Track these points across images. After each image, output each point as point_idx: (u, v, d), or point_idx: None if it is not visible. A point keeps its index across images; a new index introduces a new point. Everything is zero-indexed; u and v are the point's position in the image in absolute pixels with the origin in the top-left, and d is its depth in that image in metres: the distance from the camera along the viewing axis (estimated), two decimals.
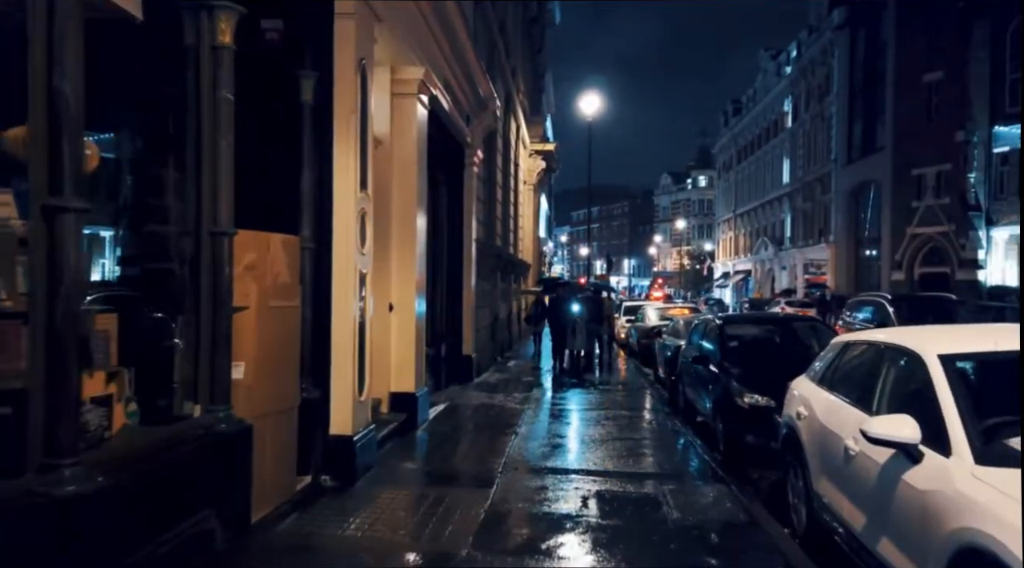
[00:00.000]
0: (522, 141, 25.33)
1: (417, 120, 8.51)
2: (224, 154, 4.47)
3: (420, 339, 8.82)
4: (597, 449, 7.78)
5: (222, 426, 4.39)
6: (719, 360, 8.64)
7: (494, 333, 17.17)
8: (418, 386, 8.59)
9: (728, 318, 10.72)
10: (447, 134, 11.61)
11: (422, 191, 8.87)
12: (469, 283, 13.28)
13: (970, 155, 28.93)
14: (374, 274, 8.21)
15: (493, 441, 8.04)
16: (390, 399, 8.35)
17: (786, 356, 8.63)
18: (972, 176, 28.84)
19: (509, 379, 13.76)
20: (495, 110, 13.52)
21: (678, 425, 9.32)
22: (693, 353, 10.04)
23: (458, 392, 11.58)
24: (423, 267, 9.02)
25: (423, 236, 8.96)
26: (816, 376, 5.49)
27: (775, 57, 54.02)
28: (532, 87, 34.05)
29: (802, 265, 45.32)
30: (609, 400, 11.46)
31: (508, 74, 20.00)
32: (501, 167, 19.11)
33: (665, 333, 14.84)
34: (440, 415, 9.51)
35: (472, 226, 13.36)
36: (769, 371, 8.12)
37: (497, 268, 17.36)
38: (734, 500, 5.93)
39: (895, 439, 3.54)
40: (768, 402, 7.52)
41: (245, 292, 4.74)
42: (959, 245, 29.18)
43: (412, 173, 8.46)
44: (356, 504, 5.45)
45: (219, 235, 4.43)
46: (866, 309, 16.23)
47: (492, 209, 17.30)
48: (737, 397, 7.75)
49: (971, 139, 28.71)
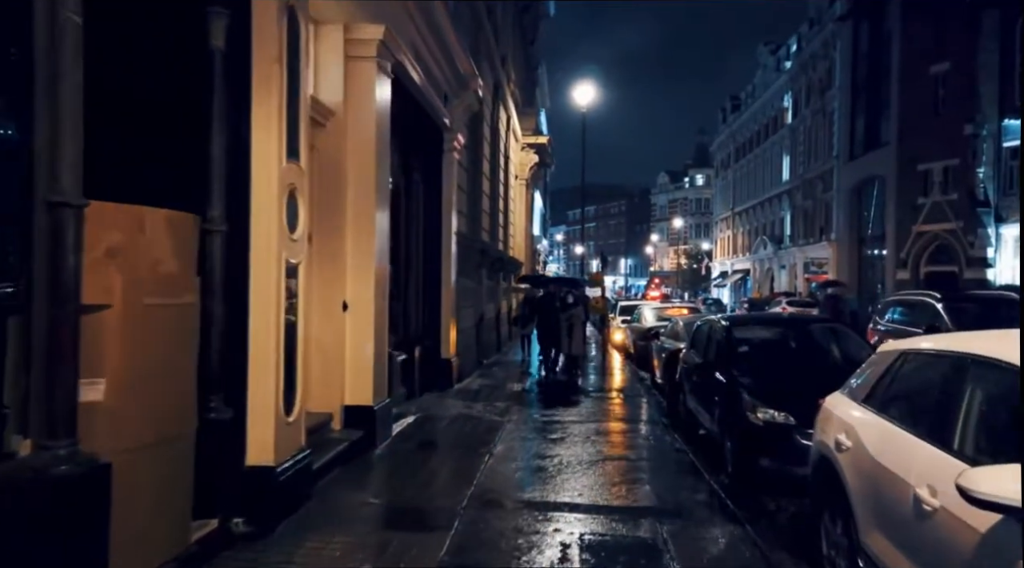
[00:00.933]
0: (513, 133, 24.15)
1: (377, 89, 7.32)
2: (68, 97, 3.27)
3: (381, 343, 7.63)
4: (584, 474, 6.59)
5: (62, 468, 3.20)
6: (726, 367, 7.47)
7: (479, 334, 15.98)
8: (378, 398, 7.40)
9: (735, 319, 9.49)
10: (421, 113, 10.42)
11: (384, 172, 7.69)
12: (448, 280, 12.09)
13: (979, 149, 27.87)
14: (323, 268, 7.04)
15: (463, 464, 6.85)
16: (344, 414, 7.16)
17: (805, 364, 7.47)
18: (981, 171, 27.79)
19: (493, 385, 12.56)
20: (477, 90, 12.34)
21: (678, 441, 8.14)
22: (695, 359, 8.87)
23: (433, 401, 10.38)
24: (386, 260, 7.84)
25: (385, 224, 7.78)
26: (859, 394, 4.30)
27: (774, 52, 52.88)
28: (525, 79, 32.92)
29: (802, 264, 44.19)
30: (601, 410, 10.29)
31: (497, 61, 18.82)
32: (489, 158, 17.93)
33: (663, 335, 13.66)
34: (407, 430, 8.32)
35: (452, 218, 12.17)
36: (786, 381, 6.96)
37: (483, 265, 16.17)
38: (751, 546, 4.76)
39: (1012, 503, 2.37)
40: (786, 418, 6.36)
41: (106, 285, 3.55)
42: (967, 243, 28.09)
43: (370, 150, 7.27)
44: (271, 557, 4.26)
45: (59, 206, 3.24)
46: (904, 310, 13.64)
47: (477, 201, 16.11)
48: (749, 411, 6.57)
49: (980, 133, 27.63)
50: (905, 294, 15.83)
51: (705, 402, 8.05)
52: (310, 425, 6.56)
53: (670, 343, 12.69)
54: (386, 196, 7.75)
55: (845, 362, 7.25)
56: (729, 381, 7.27)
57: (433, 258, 11.84)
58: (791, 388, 6.78)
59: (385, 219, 7.75)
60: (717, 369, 7.68)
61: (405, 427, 8.39)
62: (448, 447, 7.62)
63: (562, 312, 13.63)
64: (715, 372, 7.70)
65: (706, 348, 8.69)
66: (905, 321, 13.13)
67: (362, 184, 7.24)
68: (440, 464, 6.91)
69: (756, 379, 7.07)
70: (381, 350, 7.58)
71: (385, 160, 7.69)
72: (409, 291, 10.85)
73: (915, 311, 13.00)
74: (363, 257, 7.25)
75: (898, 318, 13.67)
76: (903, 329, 12.40)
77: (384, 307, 7.68)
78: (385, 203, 7.74)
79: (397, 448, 7.41)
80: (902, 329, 12.49)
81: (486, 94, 16.91)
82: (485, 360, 16.43)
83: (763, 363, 7.54)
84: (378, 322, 7.45)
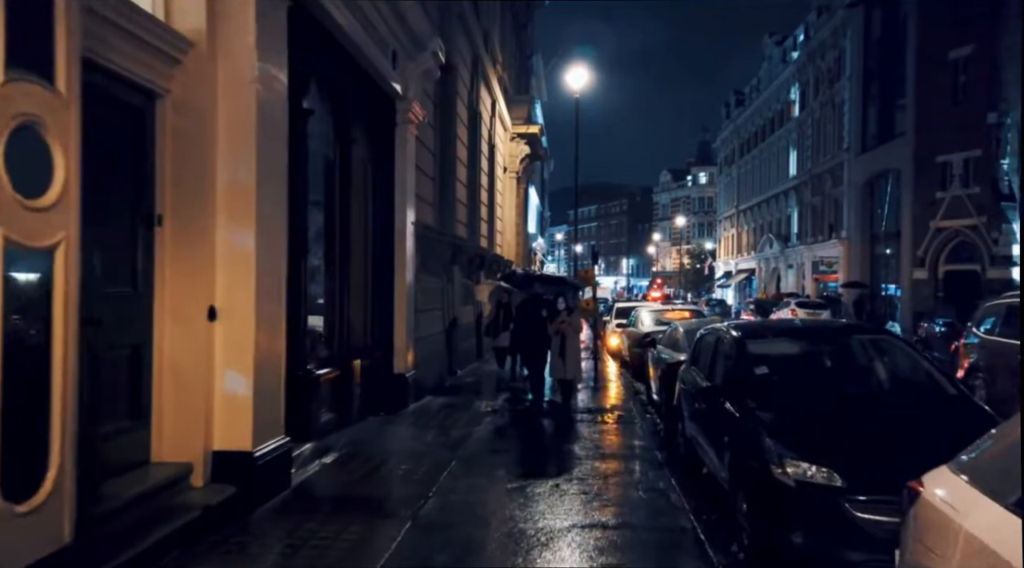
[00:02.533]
0: (500, 119, 22.18)
1: (260, 14, 5.33)
2: None
3: (274, 362, 5.65)
4: (539, 556, 4.60)
5: None
6: (740, 396, 5.48)
7: (451, 342, 13.99)
8: (263, 439, 5.40)
9: (749, 329, 7.18)
10: (359, 72, 8.46)
11: (275, 134, 5.69)
12: (404, 278, 10.12)
13: (1002, 139, 25.92)
14: (180, 262, 5.08)
15: (367, 540, 4.84)
16: (212, 463, 5.17)
17: (851, 394, 5.45)
18: (1005, 162, 25.90)
19: (457, 405, 10.55)
20: (437, 53, 10.34)
21: (675, 490, 6.14)
22: (698, 380, 6.88)
23: (373, 430, 8.40)
24: (281, 251, 5.84)
25: (281, 203, 5.78)
26: (1003, 490, 2.30)
27: (780, 43, 50.75)
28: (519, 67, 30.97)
29: (810, 263, 42.11)
30: (580, 441, 8.27)
31: (478, 36, 16.86)
32: (467, 143, 15.95)
33: (660, 343, 11.65)
34: (315, 477, 6.30)
35: (409, 203, 10.19)
36: (826, 420, 4.98)
37: (456, 262, 14.18)
38: None
39: None
40: (829, 477, 4.38)
41: None
42: (991, 239, 26.10)
43: (250, 102, 5.28)
44: None
45: None
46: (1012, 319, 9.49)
47: (449, 189, 14.13)
48: (774, 465, 4.59)
49: (1004, 121, 25.71)
50: (1011, 296, 10.87)
51: (711, 437, 6.07)
52: (155, 482, 4.61)
53: (668, 353, 10.70)
54: (280, 166, 5.76)
55: (909, 393, 5.28)
56: (744, 416, 5.28)
57: (383, 251, 9.87)
58: (834, 430, 4.80)
59: (280, 195, 5.75)
60: (727, 397, 5.68)
61: (314, 473, 6.38)
62: (358, 506, 5.56)
63: (551, 322, 10.80)
64: (724, 401, 5.70)
65: (711, 366, 6.69)
66: (1011, 333, 9.25)
67: (240, 148, 5.25)
68: (332, 541, 4.80)
69: (782, 415, 5.08)
70: (271, 371, 5.59)
71: (277, 118, 5.70)
72: (347, 291, 8.87)
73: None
74: (241, 247, 5.26)
75: (1006, 330, 9.44)
76: (1011, 343, 8.91)
77: (277, 312, 5.69)
78: (279, 175, 5.74)
79: (285, 509, 5.38)
80: (1011, 343, 8.94)
81: (461, 69, 14.95)
82: (459, 370, 14.44)
83: (791, 391, 5.53)
84: (266, 333, 5.46)
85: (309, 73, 7.11)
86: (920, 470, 2.89)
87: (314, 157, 7.72)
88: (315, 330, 8.13)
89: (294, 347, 6.86)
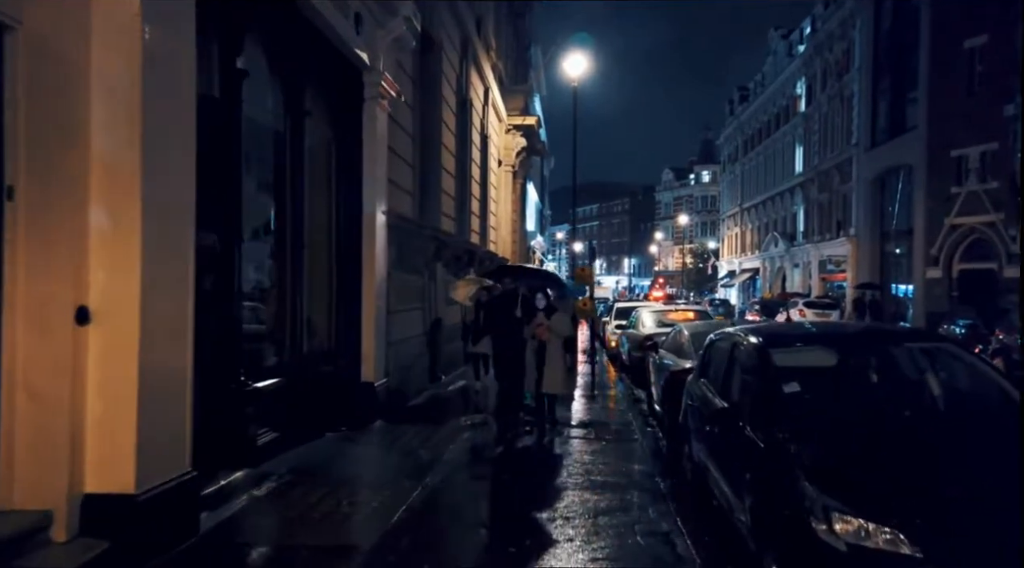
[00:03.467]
0: (494, 109, 20.98)
1: None
2: None
3: (173, 376, 4.44)
4: None
5: None
6: (767, 423, 4.28)
7: (435, 344, 12.79)
8: (148, 479, 4.16)
9: (773, 336, 5.72)
10: (311, 30, 7.27)
11: (178, 84, 4.49)
12: (373, 274, 8.93)
13: (1020, 132, 24.69)
14: (37, 249, 3.89)
15: None
16: (80, 510, 3.97)
17: (913, 422, 4.23)
18: None
19: (433, 418, 9.33)
20: (411, 19, 9.13)
21: (682, 536, 4.93)
22: (710, 397, 5.68)
23: (327, 450, 7.20)
24: (188, 234, 4.63)
25: (189, 171, 4.58)
26: None
27: (786, 36, 49.49)
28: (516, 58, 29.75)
29: (817, 262, 40.87)
30: (571, 466, 7.04)
31: (468, 19, 15.65)
32: (455, 130, 14.76)
33: (662, 348, 10.45)
34: (237, 516, 5.09)
35: (379, 190, 9.00)
36: (887, 458, 3.78)
37: (440, 257, 12.98)
38: None
39: None
40: (896, 542, 3.19)
41: None
42: (1008, 237, 24.87)
43: (133, 38, 4.07)
44: None
45: None
46: None
47: (433, 178, 12.94)
48: (818, 520, 3.40)
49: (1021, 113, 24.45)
50: None
51: (726, 470, 4.88)
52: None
53: (671, 359, 9.53)
54: (183, 132, 4.54)
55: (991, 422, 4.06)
56: (772, 449, 4.08)
57: (348, 243, 8.68)
58: (900, 474, 3.60)
59: (185, 167, 4.54)
60: (750, 422, 4.48)
61: (239, 510, 5.17)
62: (286, 560, 4.39)
63: (527, 323, 8.67)
64: (746, 427, 4.50)
65: (726, 380, 5.49)
66: None
67: (118, 105, 4.06)
68: None
69: (824, 450, 3.89)
70: (168, 387, 4.38)
71: (178, 70, 4.50)
72: (303, 288, 7.69)
73: None
74: (126, 229, 4.05)
75: None
76: None
77: (179, 313, 4.48)
78: (182, 143, 4.53)
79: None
80: None
81: (448, 48, 13.76)
82: (444, 376, 13.24)
83: (832, 417, 4.31)
84: (160, 340, 4.25)
85: (243, 26, 5.92)
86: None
87: (256, 129, 6.55)
88: (259, 333, 6.96)
89: (223, 355, 5.69)
